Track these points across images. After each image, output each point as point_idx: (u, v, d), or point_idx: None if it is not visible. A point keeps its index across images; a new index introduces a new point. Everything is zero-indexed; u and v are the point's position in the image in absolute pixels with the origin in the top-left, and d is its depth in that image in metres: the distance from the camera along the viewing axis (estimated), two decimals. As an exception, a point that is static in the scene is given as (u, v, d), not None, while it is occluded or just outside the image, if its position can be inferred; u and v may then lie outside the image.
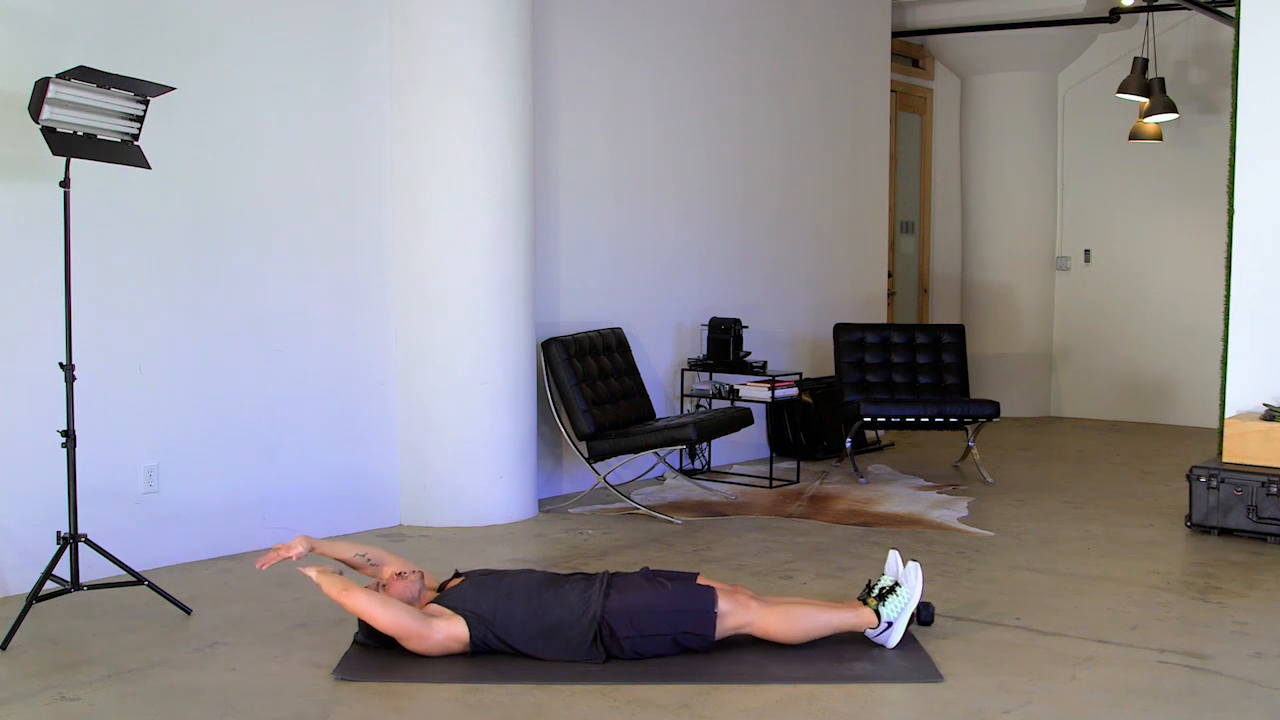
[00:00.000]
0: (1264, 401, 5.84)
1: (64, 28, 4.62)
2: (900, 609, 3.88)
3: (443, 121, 5.67)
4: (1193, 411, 9.31)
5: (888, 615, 3.87)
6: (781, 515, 6.11)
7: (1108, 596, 4.60)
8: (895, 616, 3.87)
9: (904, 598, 3.89)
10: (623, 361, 6.67)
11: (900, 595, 3.90)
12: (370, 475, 5.74)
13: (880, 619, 3.87)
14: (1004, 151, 9.94)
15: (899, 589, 3.92)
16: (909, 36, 9.95)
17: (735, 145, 7.72)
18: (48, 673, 3.69)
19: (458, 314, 5.73)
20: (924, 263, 10.45)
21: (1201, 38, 9.26)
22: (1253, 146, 5.94)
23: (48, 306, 4.51)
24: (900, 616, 3.88)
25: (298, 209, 5.42)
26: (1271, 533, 5.43)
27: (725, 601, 3.80)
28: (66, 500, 4.22)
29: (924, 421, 7.03)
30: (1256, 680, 3.66)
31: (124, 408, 4.85)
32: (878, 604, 3.89)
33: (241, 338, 5.23)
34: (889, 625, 3.88)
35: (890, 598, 3.90)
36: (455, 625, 3.73)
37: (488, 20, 5.68)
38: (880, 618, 3.87)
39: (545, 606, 3.75)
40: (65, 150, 4.06)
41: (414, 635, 3.69)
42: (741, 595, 3.88)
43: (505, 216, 5.78)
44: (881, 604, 3.89)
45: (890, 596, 3.90)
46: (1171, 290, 9.54)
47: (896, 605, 3.88)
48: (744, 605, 3.82)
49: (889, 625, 3.88)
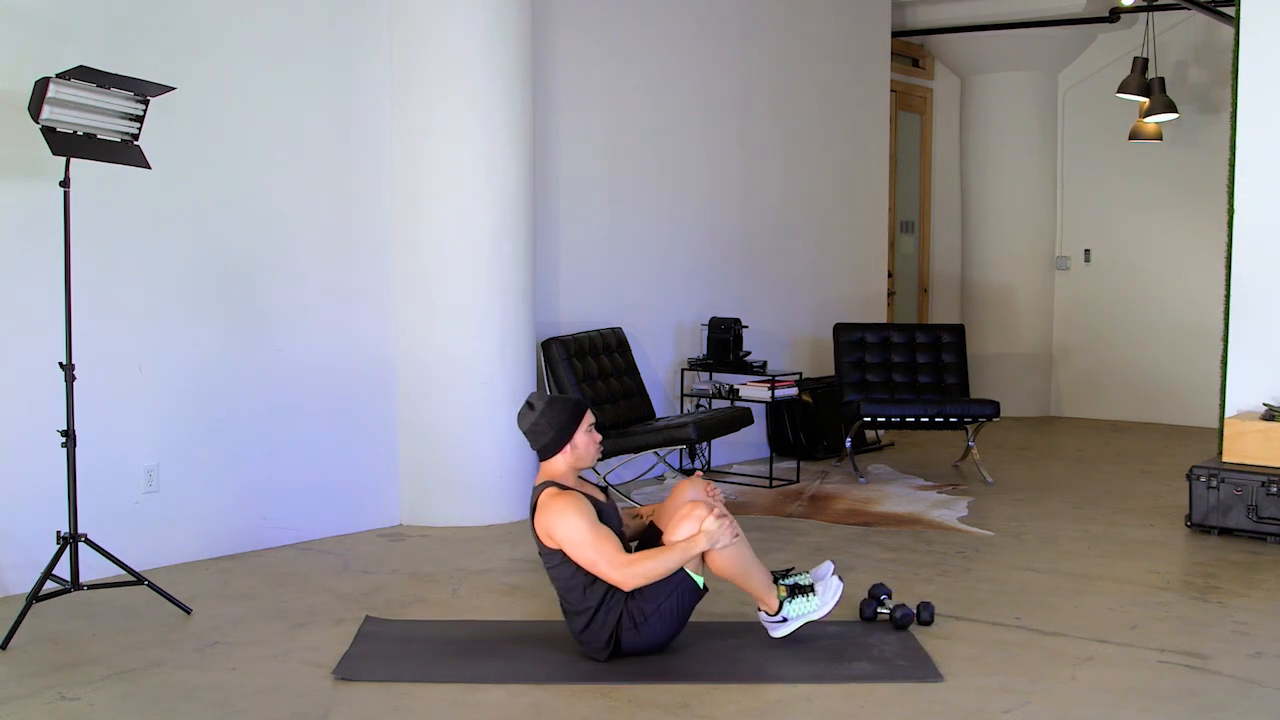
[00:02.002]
0: (1264, 401, 5.84)
1: (64, 28, 4.62)
2: (802, 614, 3.88)
3: (443, 121, 5.67)
4: (1193, 411, 9.30)
5: (787, 612, 3.87)
6: (781, 515, 6.11)
7: (1108, 596, 4.60)
8: (793, 617, 3.88)
9: (812, 606, 3.89)
10: (623, 361, 6.67)
11: (810, 602, 3.89)
12: (370, 475, 5.74)
13: (780, 610, 3.87)
14: (1004, 151, 9.94)
15: (811, 596, 3.90)
16: (909, 36, 9.95)
17: (735, 145, 7.72)
18: (48, 673, 3.70)
19: (458, 314, 5.73)
20: (924, 263, 10.45)
21: (1201, 38, 9.26)
22: (1252, 146, 5.94)
23: (48, 306, 4.51)
24: (796, 620, 3.88)
25: (298, 209, 5.42)
26: (1271, 532, 5.43)
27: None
28: (66, 500, 4.22)
29: (924, 421, 7.03)
30: (1256, 680, 3.66)
31: (124, 408, 4.85)
32: (785, 595, 3.88)
33: (241, 337, 5.23)
34: (784, 620, 3.88)
35: (800, 598, 3.89)
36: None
37: (488, 20, 5.68)
38: (780, 609, 3.87)
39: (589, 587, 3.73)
40: (65, 150, 4.06)
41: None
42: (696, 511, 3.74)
43: (505, 216, 5.78)
44: (789, 599, 3.88)
45: (800, 597, 3.89)
46: (1171, 290, 9.53)
47: (802, 608, 3.88)
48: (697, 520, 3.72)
49: (784, 620, 3.88)
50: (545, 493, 3.74)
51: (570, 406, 3.81)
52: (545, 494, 3.74)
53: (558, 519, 3.67)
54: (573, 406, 3.81)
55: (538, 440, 3.79)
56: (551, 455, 3.80)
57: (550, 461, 3.81)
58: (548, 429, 3.77)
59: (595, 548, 3.64)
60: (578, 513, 3.66)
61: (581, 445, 3.80)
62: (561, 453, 3.79)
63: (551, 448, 3.79)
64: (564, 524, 3.66)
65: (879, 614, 4.16)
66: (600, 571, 3.66)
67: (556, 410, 3.78)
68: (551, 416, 3.77)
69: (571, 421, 3.79)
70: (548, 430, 3.77)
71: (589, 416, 3.84)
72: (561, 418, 3.78)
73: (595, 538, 3.65)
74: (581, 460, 3.81)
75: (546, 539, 3.72)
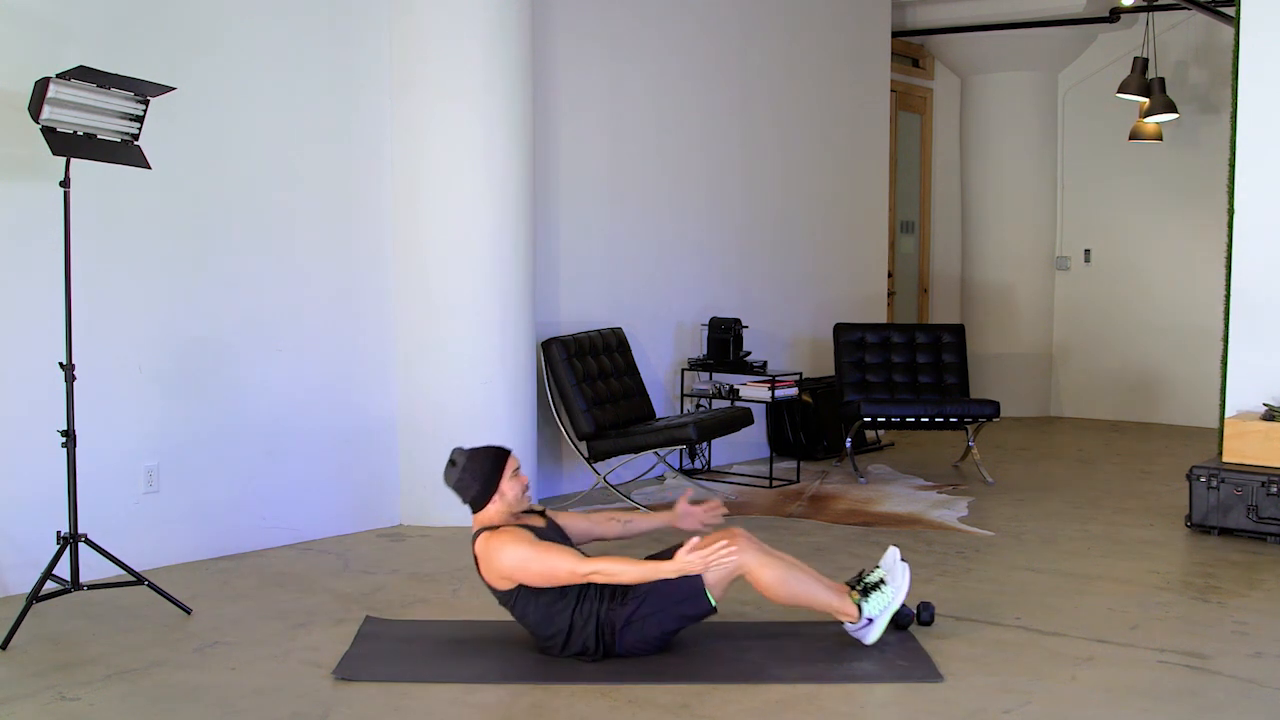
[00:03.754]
0: (1264, 401, 5.84)
1: (64, 28, 4.62)
2: (882, 607, 3.86)
3: (443, 121, 5.67)
4: (1193, 411, 9.30)
5: (869, 611, 3.86)
6: (781, 515, 6.11)
7: (1108, 596, 4.60)
8: (876, 614, 3.86)
9: (888, 596, 3.87)
10: (623, 361, 6.67)
11: (884, 594, 3.88)
12: (370, 475, 5.74)
13: (861, 614, 3.86)
14: (1004, 151, 9.94)
15: (884, 587, 3.89)
16: (909, 36, 9.95)
17: (735, 145, 7.72)
18: (48, 673, 3.70)
19: (458, 313, 5.73)
20: (924, 263, 10.45)
21: (1201, 38, 9.26)
22: (1252, 146, 5.94)
23: (48, 306, 4.51)
24: (881, 615, 3.86)
25: (298, 209, 5.42)
26: (1271, 533, 5.43)
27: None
28: (66, 500, 4.22)
29: (924, 421, 7.03)
30: (1256, 680, 3.66)
31: (124, 408, 4.85)
32: (860, 598, 3.87)
33: (241, 338, 5.22)
34: (869, 622, 3.86)
35: (874, 594, 3.88)
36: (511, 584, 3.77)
37: (488, 20, 5.67)
38: (861, 612, 3.86)
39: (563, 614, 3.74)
40: (65, 150, 4.06)
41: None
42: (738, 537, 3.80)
43: (505, 216, 5.78)
44: (865, 599, 3.87)
45: (874, 593, 3.88)
46: (1171, 290, 9.53)
47: (880, 602, 3.87)
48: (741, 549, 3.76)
49: (869, 622, 3.86)
50: (480, 540, 3.77)
51: (491, 456, 3.82)
52: (480, 541, 3.77)
53: (498, 555, 3.69)
54: (494, 456, 3.83)
55: (465, 495, 3.82)
56: (482, 507, 3.82)
57: (482, 512, 3.83)
58: (473, 483, 3.79)
59: (544, 558, 3.66)
60: (514, 540, 3.69)
61: (509, 492, 3.81)
62: (491, 502, 3.81)
63: (481, 499, 3.81)
64: (505, 556, 3.68)
65: None
66: (560, 577, 3.66)
67: (479, 463, 3.80)
68: (474, 470, 3.79)
69: (495, 471, 3.80)
70: (473, 484, 3.79)
71: (512, 461, 3.85)
72: (485, 469, 3.80)
73: (540, 551, 3.68)
74: (513, 506, 3.83)
75: (501, 581, 3.74)
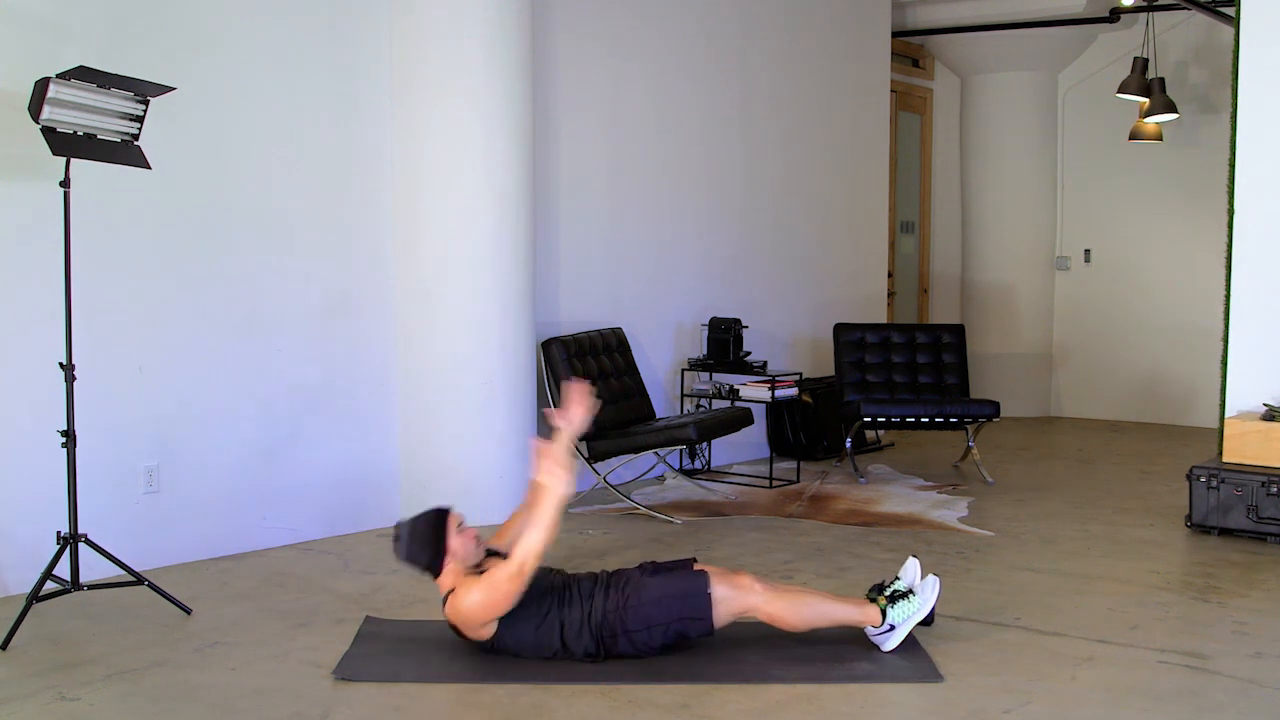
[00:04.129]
0: (1264, 401, 5.84)
1: (64, 28, 4.62)
2: (908, 616, 3.87)
3: (443, 121, 5.67)
4: (1192, 411, 9.31)
5: (893, 618, 3.86)
6: (781, 515, 6.11)
7: (1108, 596, 4.60)
8: (900, 621, 3.86)
9: (915, 606, 3.88)
10: (623, 361, 6.67)
11: (912, 603, 3.89)
12: (370, 474, 5.74)
13: (885, 619, 3.87)
14: (1004, 151, 9.95)
15: (912, 597, 3.90)
16: (909, 36, 9.95)
17: (735, 145, 7.72)
18: (48, 673, 3.69)
19: (458, 313, 5.73)
20: (924, 263, 10.45)
21: (1201, 38, 9.26)
22: (1252, 146, 5.94)
23: (48, 306, 4.51)
24: (905, 623, 3.87)
25: (298, 208, 5.42)
26: (1271, 533, 5.43)
27: (722, 586, 3.77)
28: (66, 500, 4.22)
29: (924, 421, 7.03)
30: (1256, 680, 3.66)
31: (124, 408, 4.85)
32: (887, 604, 3.88)
33: (242, 337, 5.22)
34: (891, 628, 3.87)
35: (901, 602, 3.88)
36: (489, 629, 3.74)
37: (488, 20, 5.68)
38: (885, 618, 3.87)
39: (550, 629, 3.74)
40: (65, 150, 4.06)
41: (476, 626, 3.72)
42: (744, 579, 3.84)
43: (505, 216, 5.78)
44: (891, 605, 3.87)
45: (902, 601, 3.89)
46: (1171, 290, 9.54)
47: (906, 610, 3.87)
48: (747, 589, 3.79)
49: (891, 628, 3.87)
50: (446, 608, 3.74)
51: (430, 520, 3.79)
52: (446, 609, 3.74)
53: (463, 612, 3.67)
54: (433, 519, 3.79)
55: (417, 564, 3.79)
56: (439, 572, 3.78)
57: (442, 576, 3.79)
58: (421, 552, 3.76)
59: (487, 585, 3.63)
60: (464, 590, 3.66)
61: (460, 548, 3.77)
62: (445, 565, 3.77)
63: (434, 565, 3.77)
64: (466, 607, 3.65)
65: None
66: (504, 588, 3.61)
67: (419, 529, 3.78)
68: (417, 538, 3.77)
69: (437, 533, 3.77)
70: (421, 553, 3.77)
71: (453, 518, 3.81)
72: (427, 533, 3.77)
73: (482, 582, 3.65)
74: (466, 561, 3.79)
75: (481, 631, 3.72)
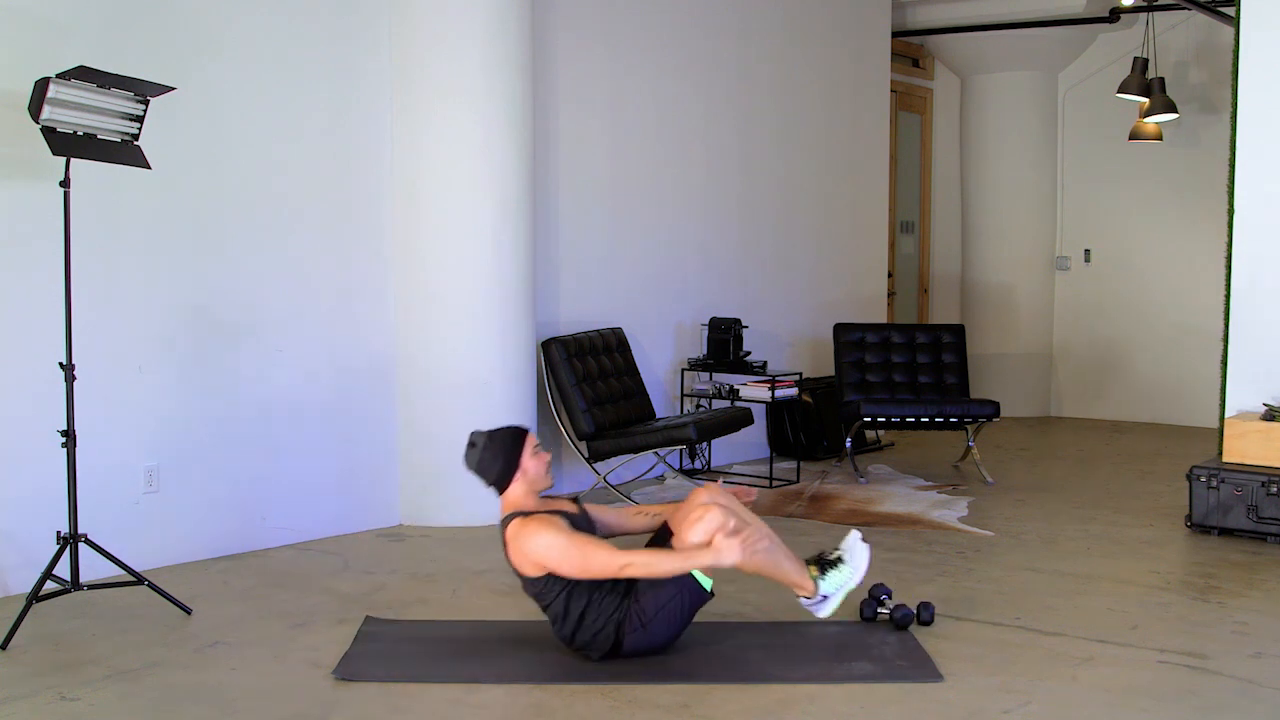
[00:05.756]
0: (1264, 401, 5.83)
1: (64, 28, 4.62)
2: (839, 585, 3.99)
3: (443, 122, 5.67)
4: (1193, 411, 9.30)
5: (825, 588, 3.98)
6: (781, 515, 6.11)
7: (1108, 596, 4.60)
8: (832, 591, 3.99)
9: (846, 575, 4.00)
10: (623, 361, 6.67)
11: (843, 571, 4.00)
12: (370, 475, 5.74)
13: (818, 589, 3.97)
14: (1004, 151, 9.94)
15: (842, 565, 4.01)
16: (909, 36, 9.95)
17: (735, 145, 7.72)
18: (48, 673, 3.70)
19: (458, 314, 5.73)
20: (924, 263, 10.45)
21: (1201, 38, 9.26)
22: (1252, 146, 5.94)
23: (48, 306, 4.51)
24: (837, 592, 3.99)
25: (298, 208, 5.42)
26: (1271, 533, 5.43)
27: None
28: (66, 500, 4.22)
29: (924, 421, 7.03)
30: (1256, 680, 3.66)
31: (124, 408, 4.85)
32: (819, 574, 3.99)
33: (241, 338, 5.23)
34: (824, 598, 3.99)
35: (832, 571, 4.00)
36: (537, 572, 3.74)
37: (488, 20, 5.68)
38: (818, 588, 3.97)
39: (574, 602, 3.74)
40: (65, 150, 4.06)
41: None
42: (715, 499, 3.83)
43: (505, 216, 5.78)
44: (822, 575, 3.99)
45: (832, 570, 4.00)
46: (1171, 291, 9.53)
47: (836, 580, 3.99)
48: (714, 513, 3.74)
49: (824, 598, 3.99)
50: (512, 525, 3.77)
51: (510, 435, 3.85)
52: (512, 526, 3.76)
53: (532, 541, 3.69)
54: (513, 434, 3.86)
55: (488, 475, 3.83)
56: (506, 486, 3.84)
57: (507, 492, 3.85)
58: (494, 462, 3.81)
59: (581, 550, 3.66)
60: (550, 529, 3.69)
61: (531, 469, 3.83)
62: (514, 481, 3.83)
63: (504, 478, 3.83)
64: (540, 543, 3.68)
65: (879, 614, 4.17)
66: (594, 569, 3.66)
67: (498, 442, 3.83)
68: (494, 450, 3.82)
69: (515, 448, 3.83)
70: (494, 464, 3.81)
71: (531, 439, 3.88)
72: (504, 447, 3.82)
73: (576, 542, 3.67)
74: (535, 483, 3.85)
75: (529, 567, 3.73)
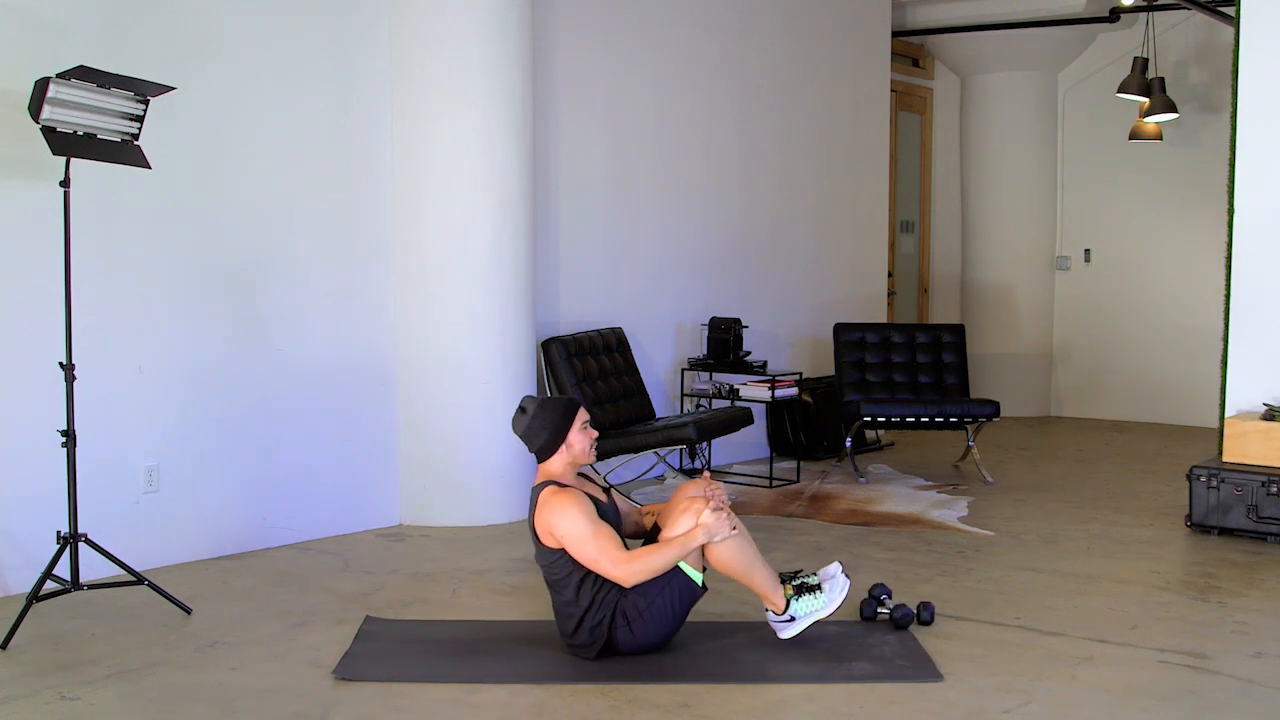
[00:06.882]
0: (1264, 401, 5.84)
1: (64, 28, 4.62)
2: (810, 612, 3.88)
3: (443, 122, 5.67)
4: (1193, 411, 9.30)
5: (795, 610, 3.87)
6: (781, 515, 6.11)
7: (1108, 596, 4.60)
8: (801, 615, 3.88)
9: (820, 603, 3.89)
10: (623, 361, 6.67)
11: (817, 599, 3.89)
12: (370, 475, 5.74)
13: (787, 608, 3.87)
14: (1004, 151, 9.94)
15: (819, 594, 3.90)
16: (909, 36, 9.95)
17: (735, 145, 7.72)
18: (48, 673, 3.70)
19: (458, 313, 5.73)
20: (924, 263, 10.45)
21: (1201, 38, 9.26)
22: (1252, 146, 5.94)
23: (48, 306, 4.51)
24: (805, 618, 3.88)
25: (298, 209, 5.42)
26: (1271, 532, 5.43)
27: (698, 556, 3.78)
28: (66, 500, 4.22)
29: (924, 421, 7.03)
30: (1256, 680, 3.66)
31: (124, 408, 4.85)
32: (793, 594, 3.88)
33: (242, 337, 5.23)
34: (792, 619, 3.88)
35: (807, 596, 3.89)
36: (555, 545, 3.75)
37: (488, 20, 5.68)
38: (788, 607, 3.87)
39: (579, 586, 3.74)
40: (65, 150, 4.06)
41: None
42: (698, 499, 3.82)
43: (505, 216, 5.78)
44: (797, 598, 3.88)
45: (808, 595, 3.89)
46: (1171, 290, 9.53)
47: (809, 605, 3.88)
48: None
49: (792, 619, 3.88)
50: (546, 490, 3.76)
51: (563, 406, 3.84)
52: (546, 492, 3.76)
53: (559, 516, 3.68)
54: (565, 405, 3.84)
55: (533, 442, 3.82)
56: (548, 456, 3.82)
57: (548, 462, 3.84)
58: (541, 430, 3.80)
59: (597, 545, 3.66)
60: (579, 510, 3.68)
61: (577, 444, 3.82)
62: (558, 453, 3.82)
63: (548, 448, 3.81)
64: (565, 520, 3.68)
65: (879, 614, 4.17)
66: (602, 568, 3.67)
67: (549, 411, 3.81)
68: (545, 418, 3.80)
69: (565, 420, 3.81)
70: (542, 432, 3.80)
71: (582, 414, 3.86)
72: (555, 417, 3.80)
73: (596, 534, 3.67)
74: (578, 458, 3.84)
75: (546, 536, 3.74)
